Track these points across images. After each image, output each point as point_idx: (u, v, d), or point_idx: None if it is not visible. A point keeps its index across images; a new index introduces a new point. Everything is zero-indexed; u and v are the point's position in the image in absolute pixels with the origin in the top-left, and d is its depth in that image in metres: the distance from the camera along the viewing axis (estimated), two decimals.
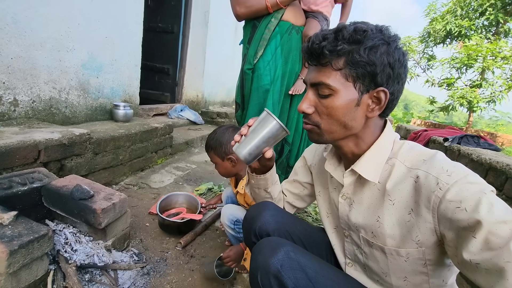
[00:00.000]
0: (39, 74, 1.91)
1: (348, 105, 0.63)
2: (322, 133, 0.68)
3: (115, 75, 2.56)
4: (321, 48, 0.62)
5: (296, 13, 1.55)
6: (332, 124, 0.66)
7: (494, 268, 0.48)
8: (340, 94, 0.63)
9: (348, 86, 0.63)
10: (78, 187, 1.20)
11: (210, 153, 1.33)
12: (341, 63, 0.62)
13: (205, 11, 4.13)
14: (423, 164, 0.61)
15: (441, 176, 0.56)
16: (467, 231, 0.52)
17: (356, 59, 0.61)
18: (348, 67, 0.62)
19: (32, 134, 1.52)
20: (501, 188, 1.58)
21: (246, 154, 0.76)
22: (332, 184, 0.83)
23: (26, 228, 0.94)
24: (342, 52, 0.61)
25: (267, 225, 0.83)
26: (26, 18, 1.77)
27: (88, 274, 1.12)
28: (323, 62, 0.63)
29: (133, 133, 2.22)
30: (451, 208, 0.54)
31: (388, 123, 0.72)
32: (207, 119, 4.33)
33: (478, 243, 0.50)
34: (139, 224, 1.60)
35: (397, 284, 0.70)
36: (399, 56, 0.63)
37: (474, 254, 0.50)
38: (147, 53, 3.70)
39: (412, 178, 0.62)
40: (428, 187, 0.58)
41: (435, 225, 0.58)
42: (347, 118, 0.64)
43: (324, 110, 0.65)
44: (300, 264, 0.65)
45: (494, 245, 0.48)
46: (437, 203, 0.56)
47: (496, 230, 0.48)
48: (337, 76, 0.62)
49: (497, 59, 6.57)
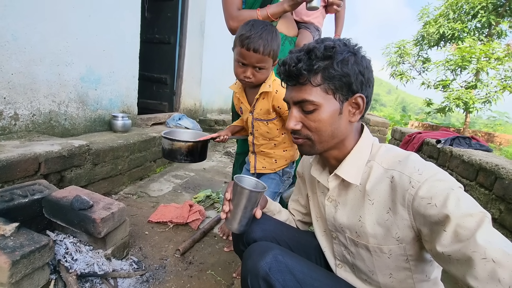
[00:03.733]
0: (39, 88, 1.96)
1: (332, 115, 0.69)
2: (314, 145, 0.73)
3: (113, 86, 2.62)
4: (299, 70, 0.66)
5: (288, 25, 1.60)
6: (321, 135, 0.70)
7: (463, 258, 0.52)
8: (323, 107, 0.68)
9: (329, 98, 0.68)
10: (77, 198, 1.23)
11: (265, 57, 1.04)
12: (318, 79, 0.67)
13: (201, 22, 4.22)
14: (398, 165, 0.65)
15: (413, 175, 0.61)
16: (438, 226, 0.56)
17: (332, 74, 0.66)
18: (326, 82, 0.67)
19: (33, 147, 1.56)
20: (491, 188, 1.61)
21: (240, 227, 0.82)
22: (319, 189, 0.87)
23: (28, 239, 0.97)
24: (318, 69, 0.66)
25: (253, 233, 0.86)
26: (26, 35, 1.83)
27: (89, 282, 1.15)
28: (302, 81, 0.68)
29: (131, 143, 2.26)
30: (423, 204, 0.58)
31: (365, 126, 0.77)
32: (205, 127, 4.38)
33: (448, 236, 0.54)
34: (138, 232, 1.63)
35: (384, 282, 0.73)
36: (366, 64, 0.69)
37: (445, 246, 0.55)
38: (145, 64, 3.77)
39: (388, 179, 0.66)
40: (403, 186, 0.62)
41: (411, 221, 0.62)
42: (334, 127, 0.70)
43: (312, 124, 0.70)
44: (288, 266, 0.68)
45: (462, 237, 0.52)
46: (410, 200, 0.61)
47: (463, 223, 0.53)
48: (318, 91, 0.67)
49: (491, 60, 6.66)
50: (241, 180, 0.86)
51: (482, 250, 0.49)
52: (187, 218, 1.78)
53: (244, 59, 1.05)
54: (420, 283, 0.71)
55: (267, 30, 1.03)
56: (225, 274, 1.39)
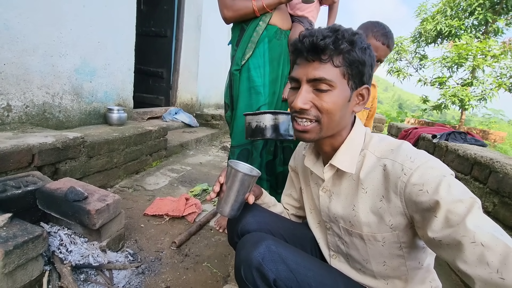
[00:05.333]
0: (32, 79, 1.93)
1: (344, 100, 0.67)
2: (321, 129, 0.69)
3: (109, 79, 2.58)
4: (327, 45, 0.63)
5: (283, 17, 1.59)
6: (331, 118, 0.68)
7: (453, 243, 0.53)
8: (338, 90, 0.66)
9: (344, 83, 0.67)
10: (72, 189, 1.22)
11: None
12: (340, 60, 0.65)
13: (197, 15, 4.17)
14: (391, 153, 0.66)
15: (405, 163, 0.61)
16: (429, 212, 0.57)
17: (354, 58, 0.65)
18: (346, 65, 0.66)
19: (26, 138, 1.54)
20: (485, 181, 1.63)
21: (231, 211, 0.81)
22: (313, 180, 0.86)
23: (21, 230, 0.96)
24: (343, 50, 0.64)
25: (248, 225, 0.85)
26: (18, 24, 1.80)
27: (83, 274, 1.14)
28: (324, 58, 0.65)
29: (127, 136, 2.24)
30: (415, 191, 0.59)
31: (356, 117, 0.77)
32: (202, 122, 4.36)
33: (439, 221, 0.55)
34: (134, 225, 1.62)
35: (378, 270, 0.74)
36: (374, 59, 0.71)
37: (436, 232, 0.55)
38: (141, 57, 3.73)
39: (381, 167, 0.66)
40: (395, 174, 0.62)
41: (404, 208, 0.63)
42: (342, 112, 0.69)
43: (324, 105, 0.66)
44: (281, 256, 0.68)
45: (453, 222, 0.53)
46: (403, 187, 0.61)
47: (453, 209, 0.53)
48: (336, 73, 0.65)
49: (487, 58, 6.69)
50: (236, 165, 0.85)
51: (472, 234, 0.50)
52: (183, 211, 1.77)
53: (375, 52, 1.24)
54: (413, 270, 0.71)
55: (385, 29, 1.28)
56: (221, 266, 1.39)
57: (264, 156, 1.70)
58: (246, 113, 1.29)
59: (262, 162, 1.69)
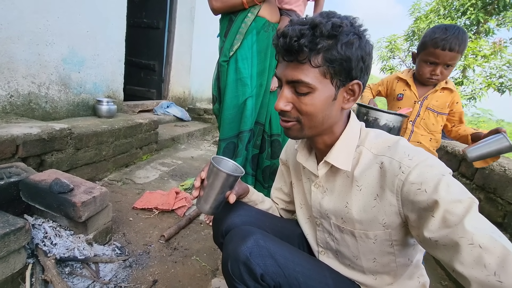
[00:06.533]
0: (17, 68, 1.86)
1: (326, 101, 0.64)
2: (302, 129, 0.68)
3: (98, 70, 2.52)
4: (301, 46, 0.59)
5: (272, 10, 1.58)
6: (311, 120, 0.66)
7: (450, 244, 0.51)
8: (318, 92, 0.62)
9: (326, 83, 0.62)
10: (57, 181, 1.19)
11: (458, 54, 1.20)
12: (319, 60, 0.60)
13: (191, 7, 4.10)
14: (388, 151, 0.64)
15: (403, 161, 0.60)
16: (427, 211, 0.55)
17: (335, 56, 0.60)
18: (326, 64, 0.60)
19: (10, 129, 1.49)
20: (472, 177, 1.66)
21: (210, 209, 0.77)
22: (305, 175, 0.84)
23: (2, 221, 0.93)
24: (321, 49, 0.59)
25: (233, 225, 0.82)
26: (2, 11, 1.73)
27: (69, 267, 1.12)
28: (301, 59, 0.61)
29: (116, 129, 2.20)
30: (412, 190, 0.57)
31: (351, 111, 0.75)
32: (194, 116, 4.32)
33: (436, 221, 0.53)
34: (122, 218, 1.60)
35: (367, 266, 0.73)
36: (369, 49, 0.63)
37: (433, 232, 0.54)
38: (132, 49, 3.64)
39: (377, 164, 0.65)
40: (392, 172, 0.61)
41: (399, 208, 0.61)
42: (325, 113, 0.65)
43: (304, 107, 0.64)
44: (269, 251, 0.67)
45: (451, 223, 0.52)
46: (400, 186, 0.59)
47: (452, 209, 0.52)
48: (316, 73, 0.61)
49: (478, 58, 6.81)
50: (219, 162, 0.81)
51: (470, 235, 0.49)
52: (173, 205, 1.75)
53: (437, 58, 1.20)
54: (402, 267, 0.71)
55: (461, 31, 1.17)
56: (210, 260, 1.38)
57: (250, 150, 1.69)
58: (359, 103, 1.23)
59: (248, 155, 1.68)
